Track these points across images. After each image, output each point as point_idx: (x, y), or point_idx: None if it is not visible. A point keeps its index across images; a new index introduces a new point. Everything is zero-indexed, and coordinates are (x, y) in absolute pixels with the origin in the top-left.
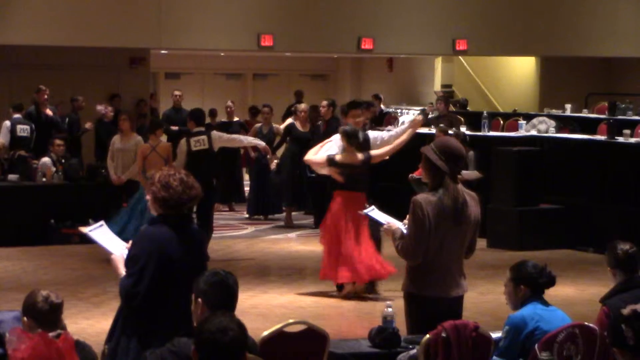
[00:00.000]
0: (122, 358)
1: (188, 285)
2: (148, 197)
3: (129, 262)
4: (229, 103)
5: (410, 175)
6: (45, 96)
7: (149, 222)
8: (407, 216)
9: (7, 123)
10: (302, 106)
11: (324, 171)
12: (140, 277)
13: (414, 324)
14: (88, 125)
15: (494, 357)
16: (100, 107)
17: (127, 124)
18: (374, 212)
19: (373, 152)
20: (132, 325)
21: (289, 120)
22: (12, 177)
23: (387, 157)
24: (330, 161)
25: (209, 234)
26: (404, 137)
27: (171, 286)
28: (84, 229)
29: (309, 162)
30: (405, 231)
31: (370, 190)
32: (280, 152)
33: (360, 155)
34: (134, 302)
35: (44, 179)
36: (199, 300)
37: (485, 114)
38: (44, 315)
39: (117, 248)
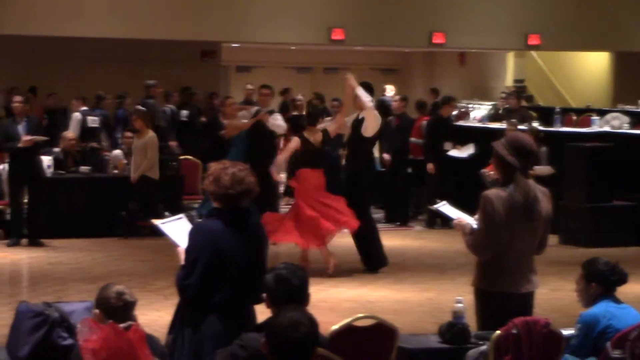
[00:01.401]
0: (180, 349)
1: (244, 280)
2: None
3: (185, 254)
4: (299, 97)
5: (481, 170)
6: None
7: (205, 215)
8: (478, 211)
9: (78, 115)
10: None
11: None
12: (191, 269)
13: (484, 319)
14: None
15: (566, 355)
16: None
17: (138, 123)
18: (445, 207)
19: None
20: (187, 317)
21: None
22: (83, 169)
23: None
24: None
25: None
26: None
27: (224, 281)
28: (156, 222)
29: None
30: (475, 227)
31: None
32: None
33: (320, 136)
34: (186, 294)
35: (115, 171)
36: (264, 295)
37: (557, 109)
38: (116, 312)
39: (186, 241)
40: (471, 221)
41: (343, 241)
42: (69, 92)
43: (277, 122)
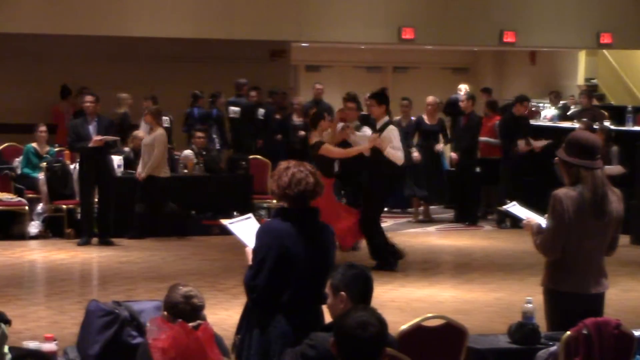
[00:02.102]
0: (247, 349)
1: (311, 281)
2: None
3: (252, 254)
4: (367, 96)
5: (546, 168)
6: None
7: (273, 215)
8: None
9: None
10: (430, 99)
11: None
12: (259, 270)
13: (554, 320)
14: None
15: (637, 356)
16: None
17: (148, 118)
18: (515, 207)
19: (325, 146)
20: (254, 317)
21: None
22: None
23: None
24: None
25: None
26: (357, 149)
27: (292, 281)
28: (225, 221)
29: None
30: (544, 226)
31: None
32: None
33: (313, 140)
34: (254, 294)
35: (185, 171)
36: (342, 294)
37: (629, 108)
38: (184, 315)
39: (254, 241)
40: (541, 221)
41: (414, 241)
42: (139, 92)
43: (365, 133)
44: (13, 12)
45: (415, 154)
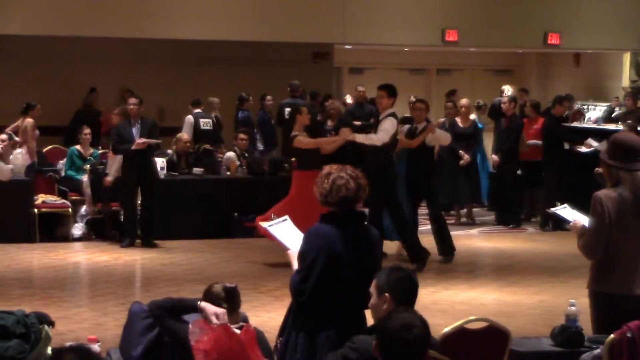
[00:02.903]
0: (292, 352)
1: (357, 284)
2: None
3: (299, 258)
4: (412, 98)
5: (595, 169)
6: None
7: (319, 219)
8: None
9: (190, 118)
10: (464, 101)
11: None
12: (308, 273)
13: (599, 322)
14: None
15: None
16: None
17: (115, 119)
18: (564, 210)
19: (298, 138)
20: (300, 321)
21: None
22: (197, 170)
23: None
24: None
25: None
26: (330, 140)
27: (339, 284)
28: (264, 224)
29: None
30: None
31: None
32: None
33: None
34: (302, 298)
35: (227, 173)
36: (386, 295)
37: None
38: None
39: (295, 243)
40: (587, 223)
41: (456, 244)
42: (182, 94)
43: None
44: (54, 14)
45: (466, 157)
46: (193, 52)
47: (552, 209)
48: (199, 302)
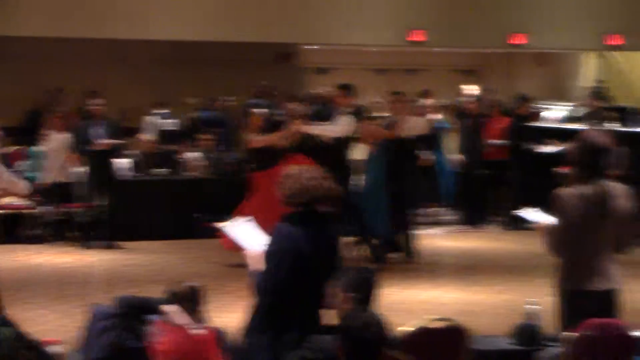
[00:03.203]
0: (257, 353)
1: (322, 283)
2: None
3: (265, 258)
4: (377, 98)
5: (554, 169)
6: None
7: (284, 220)
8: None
9: (153, 118)
10: (428, 102)
11: None
12: (273, 274)
13: (567, 319)
14: None
15: (637, 358)
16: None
17: (57, 122)
18: (529, 210)
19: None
20: (266, 321)
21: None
22: (160, 171)
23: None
24: None
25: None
26: (284, 141)
27: (305, 283)
28: (221, 225)
29: None
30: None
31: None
32: None
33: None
34: (268, 298)
35: (191, 173)
36: (348, 295)
37: (638, 110)
38: (185, 298)
39: (254, 243)
40: (552, 222)
41: (419, 243)
42: (146, 95)
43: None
44: (14, 14)
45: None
46: (157, 53)
47: (517, 210)
48: (161, 307)
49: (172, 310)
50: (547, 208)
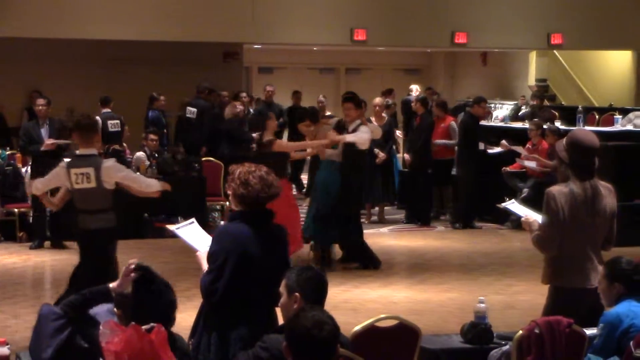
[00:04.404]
0: (204, 353)
1: (268, 283)
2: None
3: (209, 258)
4: (321, 98)
5: (503, 168)
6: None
7: (228, 218)
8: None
9: (97, 119)
10: (377, 100)
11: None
12: (219, 274)
13: (553, 314)
14: None
15: (588, 355)
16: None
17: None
18: (513, 205)
19: (279, 141)
20: (212, 321)
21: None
22: None
23: (291, 150)
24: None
25: None
26: (312, 144)
27: (251, 283)
28: (172, 227)
29: None
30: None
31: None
32: None
33: (265, 138)
34: (213, 298)
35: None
36: (296, 294)
37: (580, 108)
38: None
39: (203, 245)
40: (538, 219)
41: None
42: (93, 94)
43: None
44: None
45: (382, 155)
46: (104, 52)
47: (502, 205)
48: (109, 285)
49: (124, 281)
50: (492, 207)
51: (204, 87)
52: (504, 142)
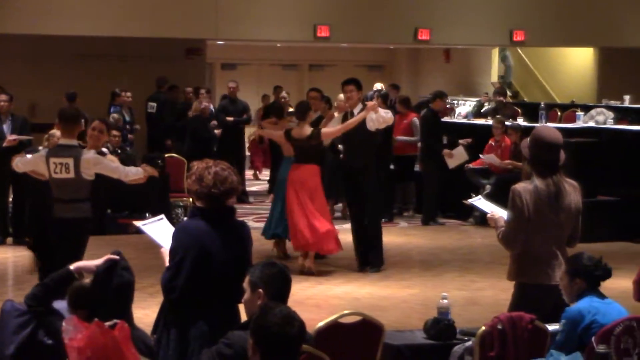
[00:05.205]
0: (165, 349)
1: (229, 279)
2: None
3: (169, 255)
4: (284, 94)
5: (466, 165)
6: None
7: (189, 215)
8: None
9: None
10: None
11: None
12: (178, 270)
13: (519, 311)
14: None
15: (551, 350)
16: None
17: None
18: (479, 201)
19: (323, 130)
20: (172, 317)
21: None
22: None
23: (339, 134)
24: (286, 134)
25: None
26: (356, 119)
27: (210, 280)
28: (138, 223)
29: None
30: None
31: (322, 163)
32: None
33: (307, 130)
34: (173, 295)
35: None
36: (259, 290)
37: (542, 105)
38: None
39: (169, 241)
40: (504, 215)
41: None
42: (55, 90)
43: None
44: None
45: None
46: (66, 48)
47: (468, 201)
48: (70, 267)
49: (88, 264)
50: (456, 204)
51: (163, 82)
52: (461, 150)
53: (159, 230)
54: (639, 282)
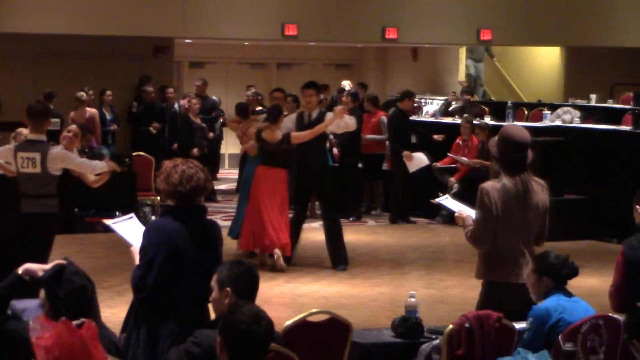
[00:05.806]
0: (134, 348)
1: (199, 278)
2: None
3: (139, 253)
4: (248, 92)
5: (434, 164)
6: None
7: (159, 214)
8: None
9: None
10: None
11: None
12: (148, 269)
13: (487, 309)
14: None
15: (518, 349)
16: (183, 101)
17: None
18: (447, 200)
19: (293, 134)
20: (142, 316)
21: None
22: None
23: (307, 139)
24: (256, 135)
25: None
26: (326, 123)
27: (180, 278)
28: (108, 221)
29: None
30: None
31: (290, 167)
32: None
33: (278, 134)
34: (143, 293)
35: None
36: (227, 289)
37: (509, 104)
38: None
39: (139, 240)
40: (472, 213)
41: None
42: (22, 89)
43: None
44: None
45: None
46: (32, 46)
47: (435, 200)
48: (18, 270)
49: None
50: (426, 202)
51: (146, 80)
52: (420, 156)
53: (129, 228)
54: (615, 293)
